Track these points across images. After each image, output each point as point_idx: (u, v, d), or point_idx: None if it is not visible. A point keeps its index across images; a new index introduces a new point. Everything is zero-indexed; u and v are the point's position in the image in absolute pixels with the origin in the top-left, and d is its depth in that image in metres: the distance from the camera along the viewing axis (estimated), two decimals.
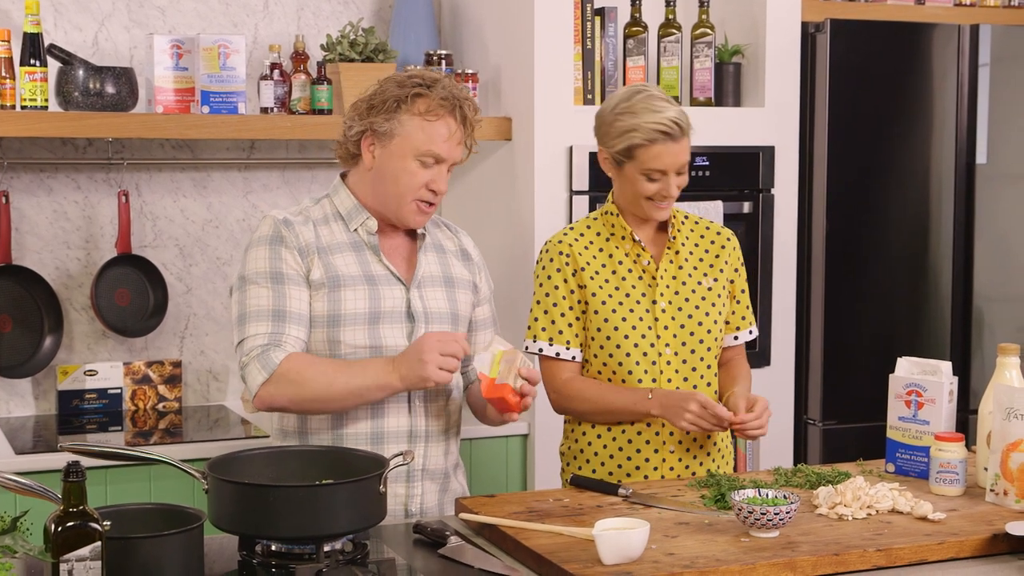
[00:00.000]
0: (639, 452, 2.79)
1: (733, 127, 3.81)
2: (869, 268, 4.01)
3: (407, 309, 2.57)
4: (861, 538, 2.23)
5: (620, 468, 2.80)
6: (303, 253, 2.53)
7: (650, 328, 2.78)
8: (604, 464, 2.81)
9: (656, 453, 2.79)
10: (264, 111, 3.74)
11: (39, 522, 1.87)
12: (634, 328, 2.77)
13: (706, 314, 2.82)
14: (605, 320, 2.77)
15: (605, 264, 2.81)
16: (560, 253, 2.80)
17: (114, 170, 3.79)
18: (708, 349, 2.83)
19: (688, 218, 2.91)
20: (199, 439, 3.47)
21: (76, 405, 3.72)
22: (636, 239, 2.80)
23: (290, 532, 2.10)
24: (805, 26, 3.95)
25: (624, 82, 3.82)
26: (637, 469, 2.80)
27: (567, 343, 2.79)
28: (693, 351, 2.81)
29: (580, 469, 2.83)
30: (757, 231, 3.86)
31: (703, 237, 2.90)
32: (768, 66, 3.87)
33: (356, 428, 2.54)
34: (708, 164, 3.77)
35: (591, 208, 3.62)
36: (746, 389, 2.85)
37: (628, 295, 2.79)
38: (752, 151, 3.84)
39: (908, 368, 2.72)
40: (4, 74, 3.39)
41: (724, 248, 2.90)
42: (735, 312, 2.92)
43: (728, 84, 3.92)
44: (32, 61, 3.41)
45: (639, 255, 2.81)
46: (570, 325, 2.79)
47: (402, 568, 2.17)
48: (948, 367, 2.69)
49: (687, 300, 2.81)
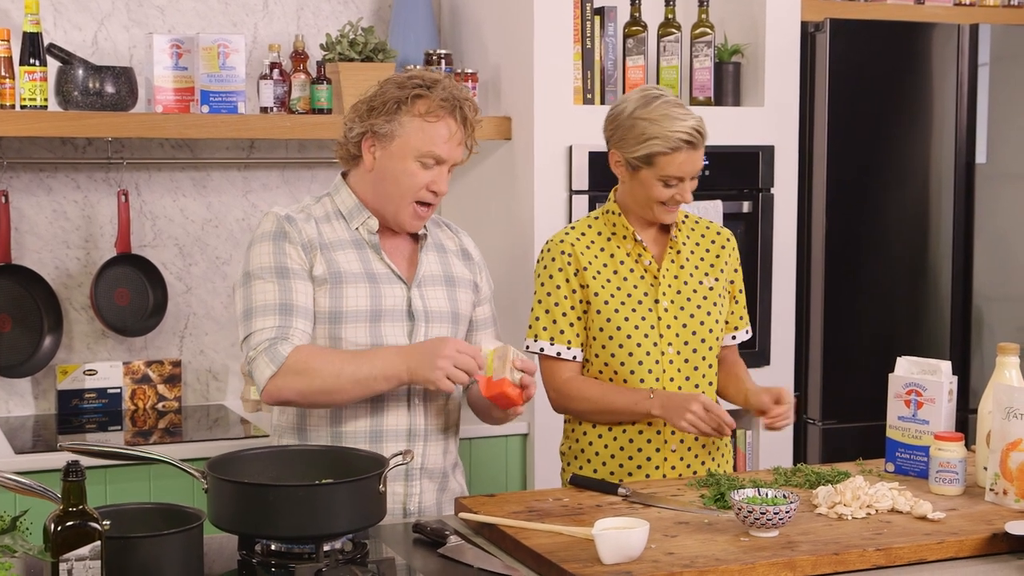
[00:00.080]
0: (640, 451, 2.79)
1: (733, 127, 3.81)
2: (869, 267, 4.01)
3: (408, 308, 2.57)
4: (861, 537, 2.23)
5: (622, 467, 2.80)
6: (306, 249, 2.53)
7: (652, 327, 2.78)
8: (605, 464, 2.81)
9: (658, 452, 2.79)
10: (264, 111, 3.74)
11: (39, 522, 1.87)
12: (637, 328, 2.77)
13: (708, 314, 2.82)
14: (608, 320, 2.77)
15: (607, 264, 2.80)
16: (562, 252, 2.80)
17: (113, 170, 3.79)
18: (710, 348, 2.83)
19: (688, 218, 2.91)
20: (199, 438, 3.47)
21: (76, 405, 3.72)
22: (638, 239, 2.81)
23: (290, 532, 2.10)
24: (805, 26, 3.95)
25: (624, 81, 3.82)
26: (639, 468, 2.80)
27: (568, 343, 2.79)
28: (695, 350, 2.81)
29: (581, 469, 2.83)
30: (757, 231, 3.86)
31: (704, 237, 2.90)
32: (768, 66, 3.87)
33: (355, 426, 2.54)
34: (708, 163, 3.73)
35: (591, 208, 3.62)
36: (756, 385, 2.86)
37: (630, 295, 2.79)
38: (752, 151, 3.84)
39: (908, 367, 2.72)
40: (4, 73, 3.39)
41: (724, 249, 2.90)
42: (733, 312, 2.93)
43: (728, 84, 3.92)
44: (32, 60, 3.41)
45: (640, 255, 2.81)
46: (571, 325, 2.79)
47: (402, 568, 2.17)
48: (948, 366, 2.69)
49: (689, 300, 2.81)
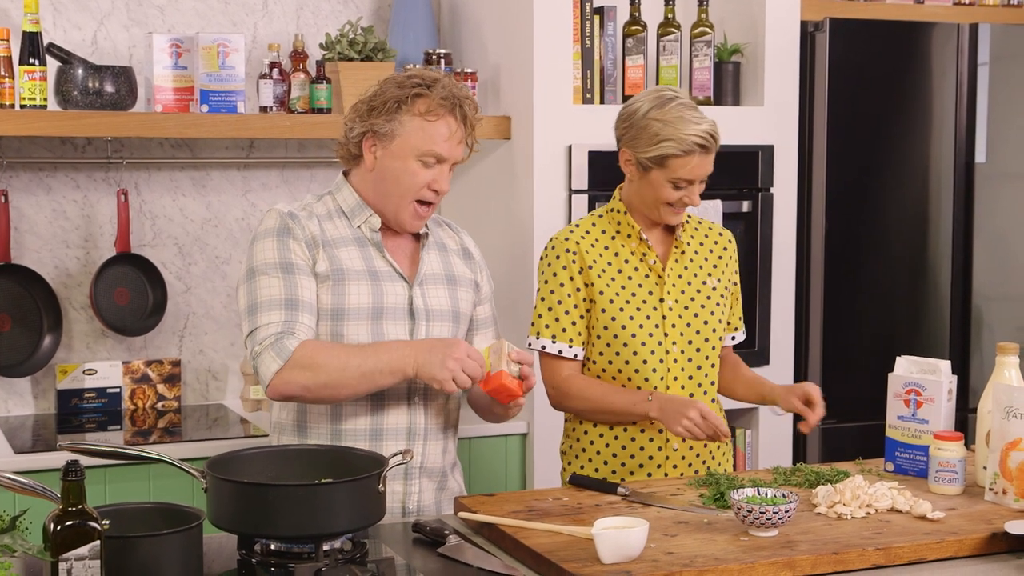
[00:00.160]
0: (643, 450, 2.79)
1: (732, 126, 3.81)
2: (868, 267, 4.01)
3: (409, 306, 2.57)
4: (860, 537, 2.23)
5: (623, 466, 2.80)
6: (309, 245, 2.53)
7: (657, 327, 2.78)
8: (607, 463, 2.81)
9: (660, 451, 2.79)
10: (263, 110, 3.73)
11: (38, 521, 1.87)
12: (641, 327, 2.77)
13: (711, 313, 2.83)
14: (612, 319, 2.77)
15: (611, 262, 2.80)
16: (567, 250, 2.80)
17: (113, 169, 3.79)
18: (713, 348, 2.84)
19: (691, 219, 2.91)
20: (198, 438, 3.47)
21: (75, 404, 3.72)
22: (644, 238, 2.81)
23: (289, 531, 2.09)
24: (804, 25, 3.95)
25: (623, 81, 3.82)
26: (641, 467, 2.80)
27: (570, 341, 2.79)
28: (698, 350, 2.81)
29: (582, 468, 2.83)
30: (756, 230, 3.86)
31: (707, 237, 2.91)
32: (767, 65, 3.87)
33: (355, 424, 2.54)
34: None
35: (590, 207, 3.62)
36: (775, 383, 2.90)
37: (635, 294, 2.79)
38: (751, 150, 3.84)
39: (907, 367, 2.72)
40: (3, 73, 3.39)
41: (726, 250, 2.92)
42: (734, 313, 2.94)
43: (727, 83, 3.92)
44: (31, 60, 3.41)
45: (645, 254, 2.81)
46: (573, 323, 2.79)
47: (401, 567, 2.17)
48: (947, 366, 2.69)
49: (692, 300, 2.82)
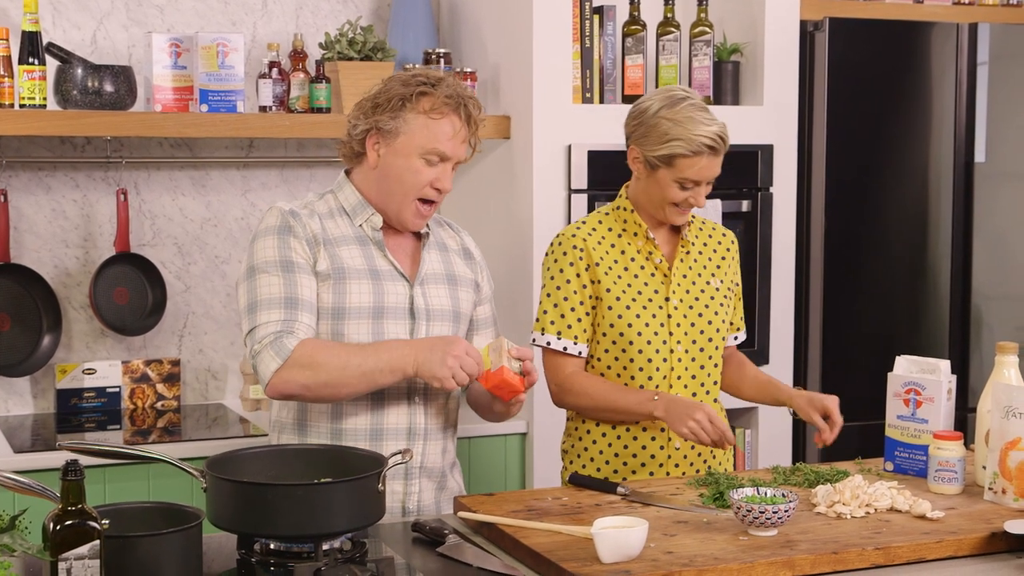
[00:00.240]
0: (644, 449, 2.79)
1: (732, 125, 3.72)
2: (868, 267, 4.01)
3: (410, 306, 2.57)
4: (860, 537, 2.23)
5: (625, 466, 2.80)
6: (310, 244, 2.53)
7: (662, 325, 2.79)
8: (609, 463, 2.81)
9: (662, 450, 2.79)
10: (263, 110, 3.73)
11: (38, 521, 1.87)
12: (647, 325, 2.77)
13: (715, 313, 2.84)
14: (619, 316, 2.77)
15: (618, 260, 2.80)
16: (574, 247, 2.80)
17: (112, 168, 3.79)
18: (716, 348, 2.84)
19: (694, 218, 2.91)
20: (198, 437, 3.47)
21: (75, 404, 3.72)
22: (651, 236, 2.81)
23: (289, 531, 2.09)
24: (804, 24, 3.95)
25: (623, 81, 3.82)
26: (643, 466, 2.80)
27: (575, 338, 2.79)
28: (702, 349, 2.82)
29: (584, 468, 2.83)
30: (756, 230, 3.86)
31: (711, 237, 2.91)
32: (767, 64, 3.87)
33: (356, 423, 2.54)
34: None
35: (590, 206, 3.62)
36: (793, 388, 2.91)
37: (641, 292, 2.79)
38: (751, 150, 3.84)
39: (907, 366, 2.72)
40: (2, 72, 3.39)
41: (729, 250, 2.93)
42: (736, 313, 2.95)
43: (727, 82, 3.92)
44: (30, 59, 3.41)
45: (651, 253, 2.82)
46: (579, 320, 2.79)
47: (401, 567, 2.17)
48: (947, 365, 2.69)
49: (697, 299, 2.82)
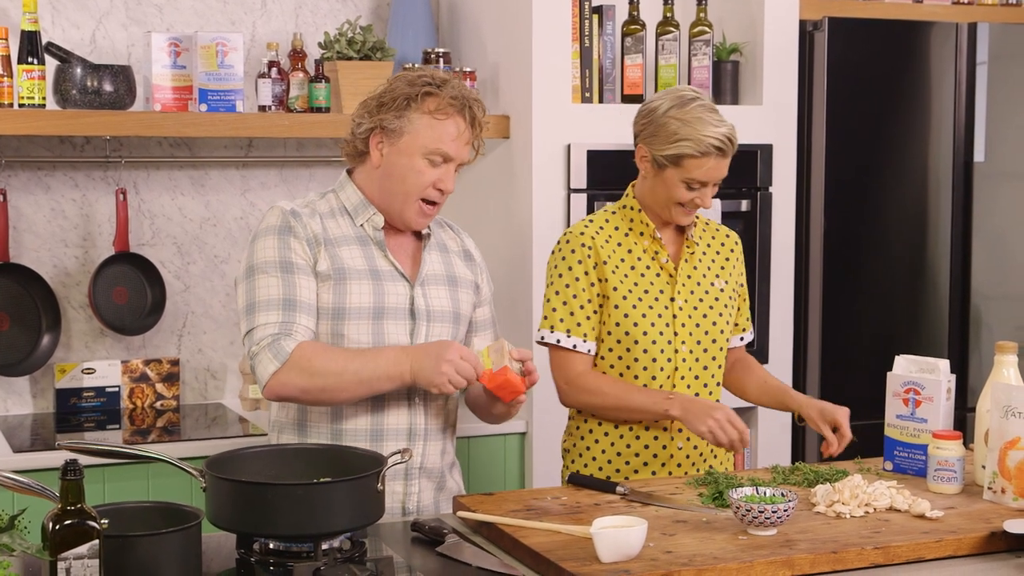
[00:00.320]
0: (647, 448, 2.79)
1: None
2: (867, 266, 4.01)
3: (410, 306, 2.57)
4: (859, 536, 2.23)
5: (628, 465, 2.80)
6: (311, 244, 2.52)
7: (668, 325, 2.79)
8: (611, 462, 2.81)
9: (664, 449, 2.80)
10: (262, 109, 3.73)
11: (37, 520, 1.87)
12: (653, 325, 2.77)
13: (719, 314, 2.84)
14: (625, 315, 2.77)
15: (624, 259, 2.81)
16: (582, 245, 2.79)
17: (112, 168, 3.79)
18: (720, 349, 2.85)
19: (699, 219, 2.92)
20: (197, 437, 3.47)
21: (74, 403, 3.72)
22: (658, 236, 2.81)
23: (288, 530, 2.09)
24: (803, 24, 3.95)
25: (622, 80, 3.82)
26: (645, 465, 2.80)
27: (584, 336, 2.78)
28: (706, 350, 2.82)
29: (586, 467, 2.83)
30: (755, 229, 3.86)
31: (714, 239, 2.92)
32: (766, 64, 3.87)
33: (356, 424, 2.54)
34: None
35: (589, 206, 3.63)
36: (803, 395, 2.90)
37: (647, 291, 2.79)
38: (750, 149, 3.84)
39: (906, 366, 2.72)
40: (2, 72, 3.39)
41: (733, 251, 2.93)
42: (741, 313, 2.95)
43: (726, 82, 3.92)
44: (30, 59, 3.41)
45: (657, 252, 2.82)
46: (588, 318, 2.78)
47: (400, 566, 2.17)
48: (946, 365, 2.69)
49: (702, 300, 2.83)
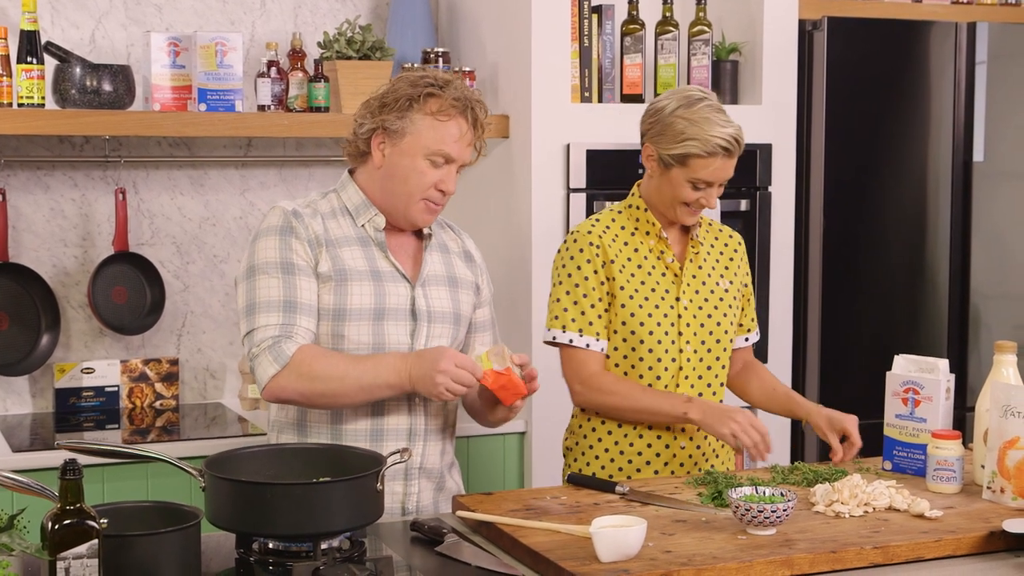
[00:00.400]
0: (650, 447, 2.79)
1: None
2: (866, 266, 4.01)
3: (411, 307, 2.56)
4: (858, 536, 2.23)
5: (630, 464, 2.80)
6: (312, 245, 2.52)
7: (672, 325, 2.79)
8: (614, 460, 2.81)
9: (667, 448, 2.79)
10: (261, 109, 3.73)
11: (36, 520, 1.87)
12: (659, 325, 2.78)
13: (724, 315, 2.84)
14: (631, 315, 2.77)
15: (631, 258, 2.81)
16: (590, 244, 2.79)
17: (111, 168, 3.79)
18: (724, 349, 2.85)
19: (703, 219, 2.92)
20: (196, 437, 3.47)
21: (73, 403, 3.72)
22: (664, 235, 2.81)
23: (287, 530, 2.09)
24: (802, 24, 3.95)
25: (621, 80, 3.82)
26: (647, 464, 2.80)
27: (596, 335, 2.78)
28: (710, 350, 2.82)
29: (588, 465, 2.83)
30: (754, 229, 3.86)
31: (717, 239, 2.92)
32: (765, 64, 3.87)
33: (356, 424, 2.53)
34: None
35: (588, 206, 3.63)
36: (812, 403, 2.90)
37: (653, 290, 2.79)
38: (749, 149, 3.82)
39: (905, 366, 2.73)
40: (1, 72, 3.39)
41: (737, 252, 2.93)
42: (746, 314, 2.96)
43: (725, 82, 3.92)
44: (29, 59, 3.41)
45: (663, 252, 2.82)
46: (599, 316, 2.78)
47: (399, 566, 2.17)
48: (945, 364, 2.69)
49: (707, 300, 2.83)
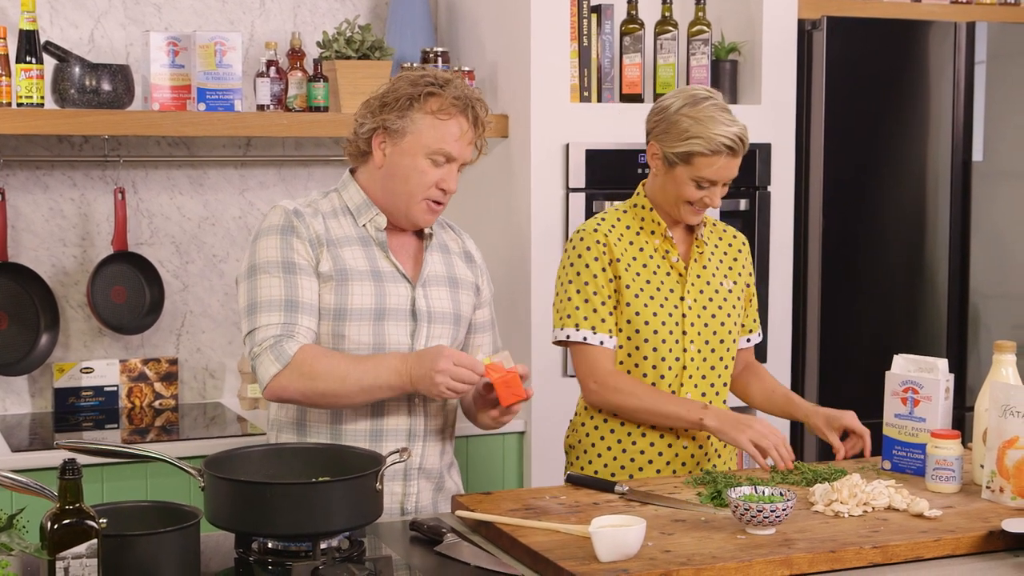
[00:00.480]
0: (652, 446, 2.79)
1: None
2: (865, 265, 4.01)
3: (411, 307, 2.56)
4: (857, 535, 2.23)
5: (633, 462, 2.80)
6: (313, 244, 2.52)
7: (677, 324, 2.79)
8: (616, 458, 2.81)
9: (670, 448, 2.80)
10: (260, 108, 3.73)
11: (35, 520, 1.87)
12: (664, 324, 2.78)
13: (728, 315, 2.84)
14: (636, 313, 2.77)
15: (636, 257, 2.81)
16: (597, 242, 2.79)
17: (110, 167, 3.79)
18: (727, 349, 2.85)
19: (706, 219, 2.92)
20: (195, 436, 3.47)
21: (72, 403, 3.71)
22: (669, 235, 2.81)
23: (286, 529, 2.09)
24: (801, 23, 3.95)
25: (621, 79, 3.82)
26: (650, 463, 2.80)
27: (609, 332, 2.77)
28: (713, 350, 2.82)
29: (590, 463, 2.83)
30: (754, 228, 3.86)
31: (721, 239, 2.92)
32: (764, 63, 3.87)
33: (356, 425, 2.53)
34: None
35: (587, 205, 3.63)
36: (809, 403, 2.91)
37: (659, 289, 2.80)
38: (749, 148, 3.82)
39: (904, 365, 2.73)
40: (0, 71, 3.39)
41: (741, 252, 2.93)
42: (748, 315, 2.96)
43: (725, 81, 3.92)
44: (28, 58, 3.41)
45: (668, 251, 2.82)
46: (610, 314, 2.77)
47: (399, 565, 2.17)
48: (944, 364, 2.69)
49: (711, 300, 2.83)
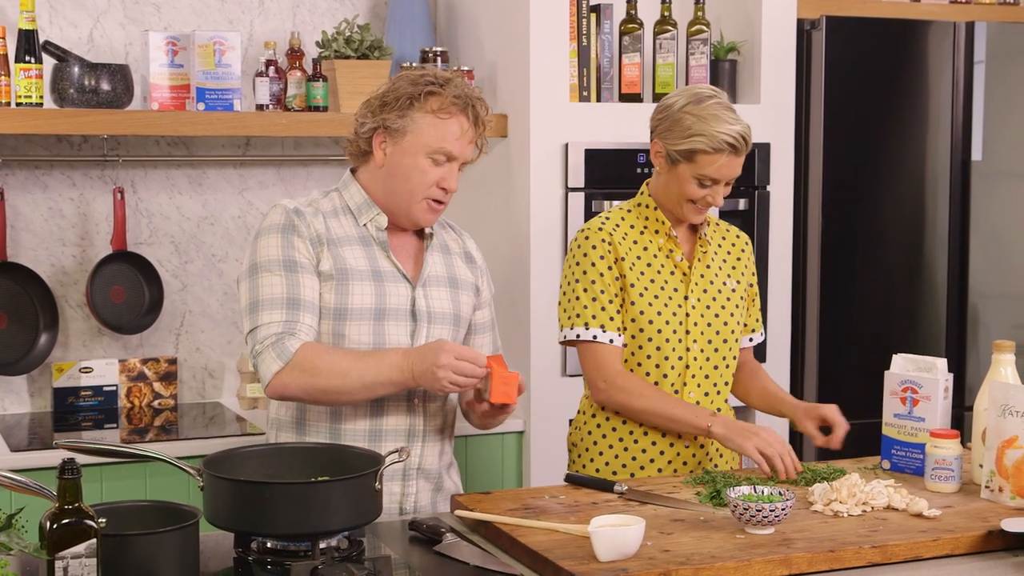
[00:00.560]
0: (654, 445, 2.79)
1: None
2: (864, 265, 4.01)
3: (411, 307, 2.56)
4: (856, 535, 2.23)
5: (635, 460, 2.80)
6: (314, 243, 2.52)
7: (680, 324, 2.79)
8: (618, 456, 2.81)
9: (671, 447, 2.80)
10: (259, 108, 3.73)
11: (34, 519, 1.87)
12: (667, 323, 2.78)
13: (731, 315, 2.84)
14: (640, 312, 2.77)
15: (640, 256, 2.81)
16: (602, 241, 2.79)
17: (109, 167, 3.79)
18: (729, 349, 2.85)
19: (709, 219, 2.92)
20: (195, 436, 3.47)
21: (71, 402, 3.71)
22: (673, 234, 2.81)
23: (286, 529, 2.10)
24: (801, 23, 3.95)
25: (620, 79, 3.82)
26: (652, 462, 2.80)
27: (617, 329, 2.77)
28: (716, 350, 2.82)
29: (592, 461, 2.83)
30: (753, 228, 3.86)
31: (724, 239, 2.92)
32: (764, 63, 3.87)
33: (355, 424, 2.54)
34: None
35: (587, 205, 3.63)
36: (793, 399, 2.92)
37: (663, 288, 2.80)
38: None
39: (903, 365, 2.73)
40: None
41: (744, 252, 2.94)
42: (750, 315, 2.96)
43: (724, 81, 3.92)
44: (27, 58, 3.41)
45: (672, 251, 2.82)
46: (617, 312, 2.77)
47: (398, 565, 2.17)
48: (943, 364, 2.69)
49: (714, 299, 2.83)
